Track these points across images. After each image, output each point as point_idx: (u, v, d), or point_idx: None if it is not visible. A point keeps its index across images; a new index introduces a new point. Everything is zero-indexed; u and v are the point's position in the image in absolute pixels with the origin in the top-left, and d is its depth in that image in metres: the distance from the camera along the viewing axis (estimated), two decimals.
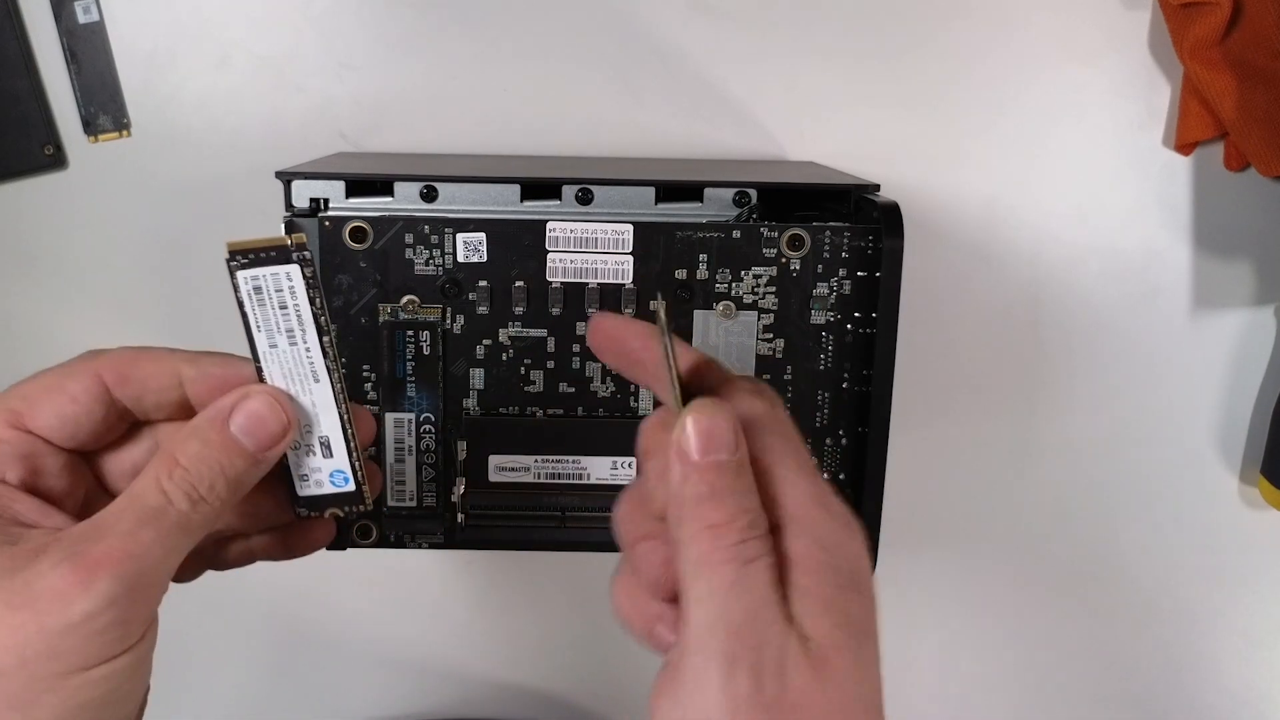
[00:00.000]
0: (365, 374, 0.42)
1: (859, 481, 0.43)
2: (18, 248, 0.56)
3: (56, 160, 0.55)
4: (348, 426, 0.32)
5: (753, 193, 0.44)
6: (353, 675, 0.64)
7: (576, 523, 0.43)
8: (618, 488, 0.44)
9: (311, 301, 0.30)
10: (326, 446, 0.32)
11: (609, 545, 0.44)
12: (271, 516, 0.33)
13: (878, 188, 0.43)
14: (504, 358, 0.42)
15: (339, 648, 0.64)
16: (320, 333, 0.30)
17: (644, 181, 0.44)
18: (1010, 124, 0.56)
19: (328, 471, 0.32)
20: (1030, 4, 0.55)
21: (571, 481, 0.43)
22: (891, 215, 0.40)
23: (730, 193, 0.44)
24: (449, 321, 0.42)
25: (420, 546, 0.44)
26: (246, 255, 0.30)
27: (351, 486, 0.32)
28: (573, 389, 0.43)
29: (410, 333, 0.42)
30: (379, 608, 0.63)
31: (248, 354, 0.31)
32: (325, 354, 0.30)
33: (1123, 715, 0.65)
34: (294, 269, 0.30)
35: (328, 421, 0.31)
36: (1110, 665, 0.64)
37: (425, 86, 0.55)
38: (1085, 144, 0.57)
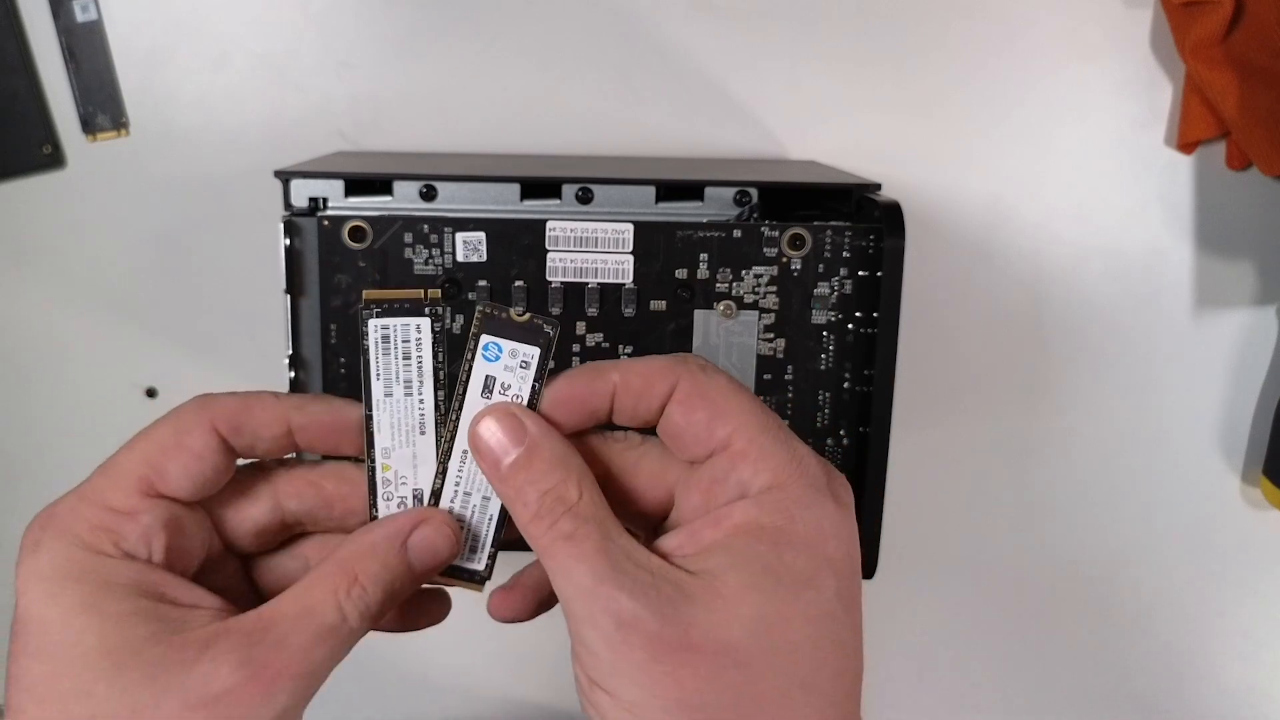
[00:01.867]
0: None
1: (860, 481, 0.43)
2: (16, 247, 0.56)
3: (54, 159, 0.55)
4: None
5: (754, 192, 0.44)
6: (348, 678, 0.64)
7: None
8: None
9: (435, 355, 0.31)
10: (419, 501, 0.32)
11: None
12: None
13: (879, 187, 0.43)
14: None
15: None
16: (437, 386, 0.31)
17: (644, 181, 0.43)
18: (1012, 123, 0.56)
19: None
20: (1032, 3, 0.55)
21: None
22: (893, 214, 0.40)
23: (731, 192, 0.44)
24: (449, 321, 0.42)
25: None
26: (381, 305, 0.30)
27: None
28: None
29: None
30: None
31: (350, 396, 0.31)
32: (438, 408, 0.31)
33: (1123, 715, 0.65)
34: (424, 322, 0.30)
35: (424, 476, 0.31)
36: (1110, 665, 0.64)
37: (424, 85, 0.55)
38: (1087, 143, 0.56)
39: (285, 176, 0.42)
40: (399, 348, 0.31)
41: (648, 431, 0.31)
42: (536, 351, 0.30)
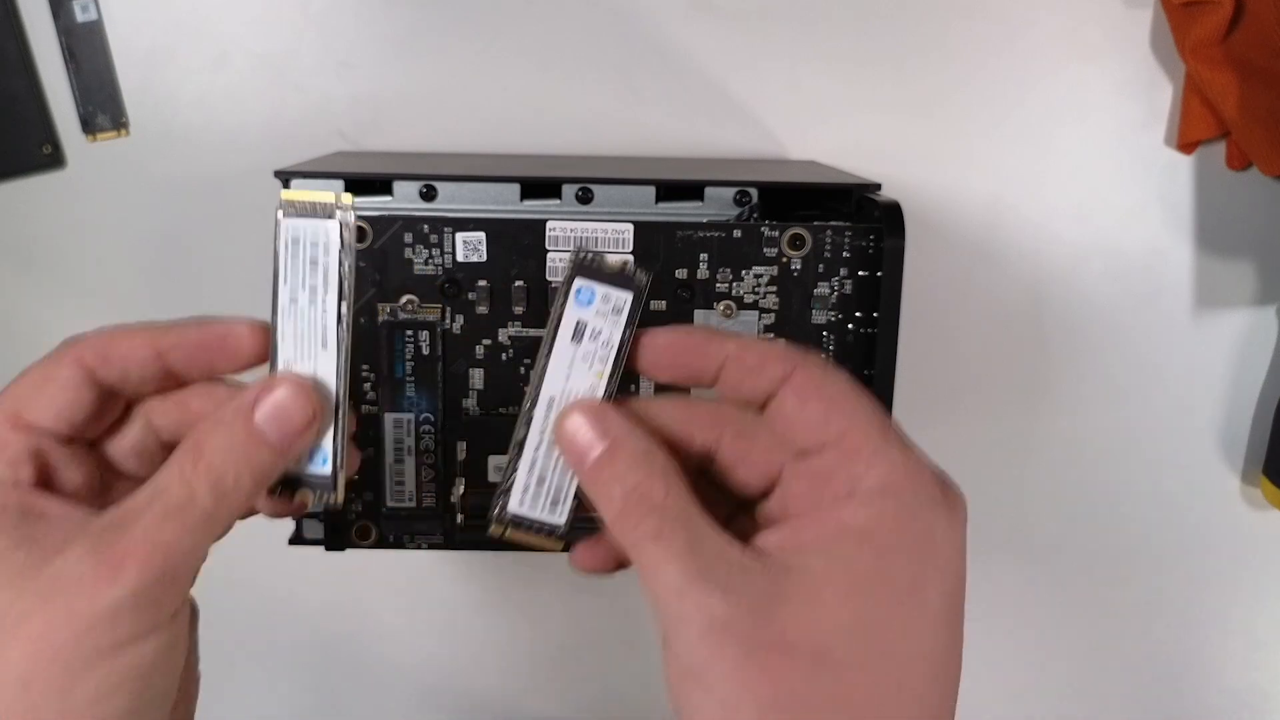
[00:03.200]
0: (364, 374, 0.42)
1: None
2: (16, 247, 0.56)
3: (54, 159, 0.55)
4: (342, 404, 0.30)
5: (753, 192, 0.44)
6: (346, 677, 0.64)
7: (576, 523, 0.43)
8: None
9: (340, 263, 0.30)
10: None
11: None
12: None
13: (879, 187, 0.43)
14: (504, 358, 0.42)
15: (327, 649, 0.63)
16: (340, 297, 0.30)
17: (644, 181, 0.43)
18: (1012, 123, 0.56)
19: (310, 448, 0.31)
20: (1032, 3, 0.55)
21: None
22: (893, 214, 0.40)
23: (731, 192, 0.44)
24: (448, 321, 0.42)
25: (419, 547, 0.44)
26: (296, 206, 0.30)
27: (327, 470, 0.31)
28: None
29: (409, 332, 0.42)
30: (373, 609, 0.63)
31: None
32: (340, 321, 0.30)
33: (1123, 715, 0.65)
34: (333, 225, 0.30)
35: (325, 393, 0.30)
36: (1111, 665, 0.64)
37: (425, 85, 0.55)
38: (1087, 143, 0.56)
39: (285, 176, 0.42)
40: (307, 251, 0.30)
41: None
42: (629, 297, 0.30)
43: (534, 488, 0.31)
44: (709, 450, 0.30)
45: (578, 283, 0.30)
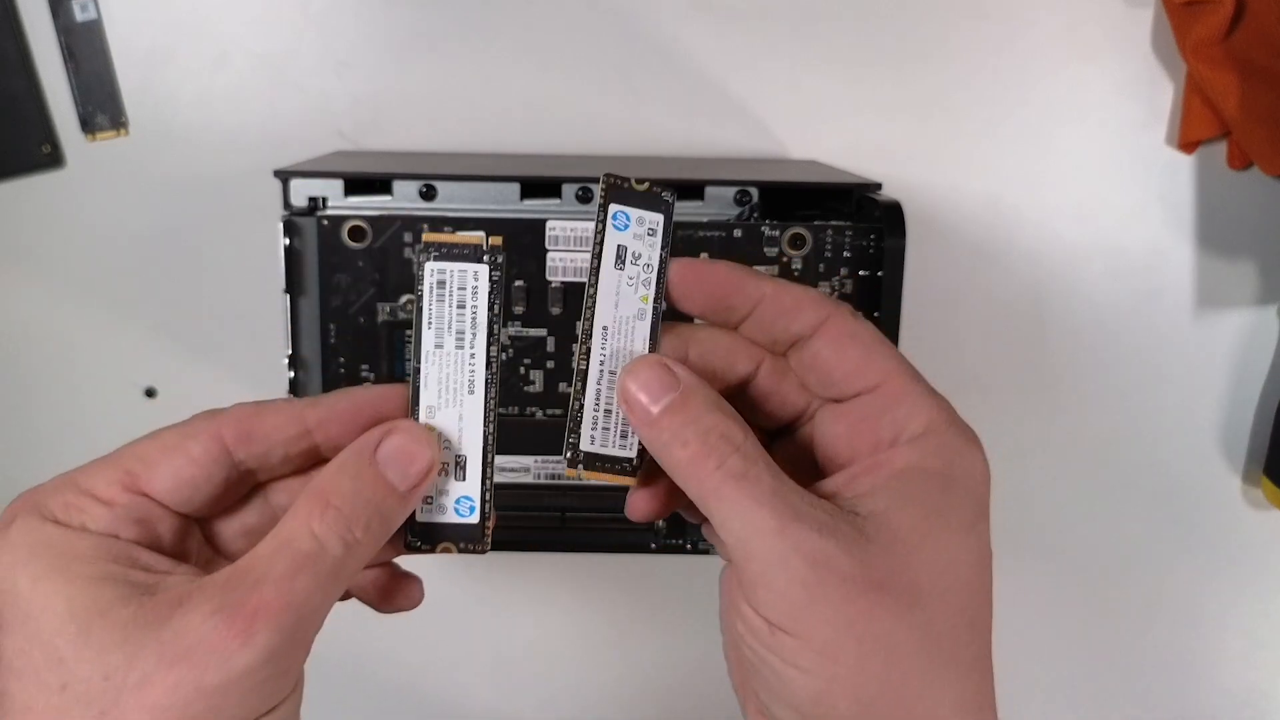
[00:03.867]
0: (365, 374, 0.42)
1: None
2: (15, 246, 0.56)
3: (54, 159, 0.55)
4: (490, 450, 0.29)
5: (754, 191, 0.44)
6: (345, 677, 0.64)
7: (576, 523, 0.43)
8: (617, 489, 0.44)
9: (490, 307, 0.29)
10: (461, 468, 0.29)
11: (609, 546, 0.44)
12: (382, 552, 0.30)
13: (880, 186, 0.43)
14: (504, 357, 0.42)
15: (327, 649, 0.63)
16: (490, 341, 0.29)
17: None
18: (1013, 123, 0.56)
19: (454, 496, 0.29)
20: (1032, 3, 0.55)
21: (571, 482, 0.43)
22: (893, 214, 0.40)
23: (732, 191, 0.44)
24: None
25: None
26: (439, 248, 0.29)
27: (475, 519, 0.29)
28: None
29: (409, 332, 0.41)
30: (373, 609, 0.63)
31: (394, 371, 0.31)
32: (489, 365, 0.29)
33: (1123, 715, 0.65)
34: (482, 269, 0.29)
35: (470, 439, 0.29)
36: (1111, 665, 0.64)
37: (424, 85, 0.55)
38: (1088, 143, 0.56)
39: (285, 176, 0.42)
40: (454, 295, 0.29)
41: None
42: (661, 219, 0.30)
43: (601, 420, 0.30)
44: (744, 381, 0.30)
45: (613, 207, 0.29)
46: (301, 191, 0.43)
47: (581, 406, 0.29)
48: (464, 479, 0.29)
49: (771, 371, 0.30)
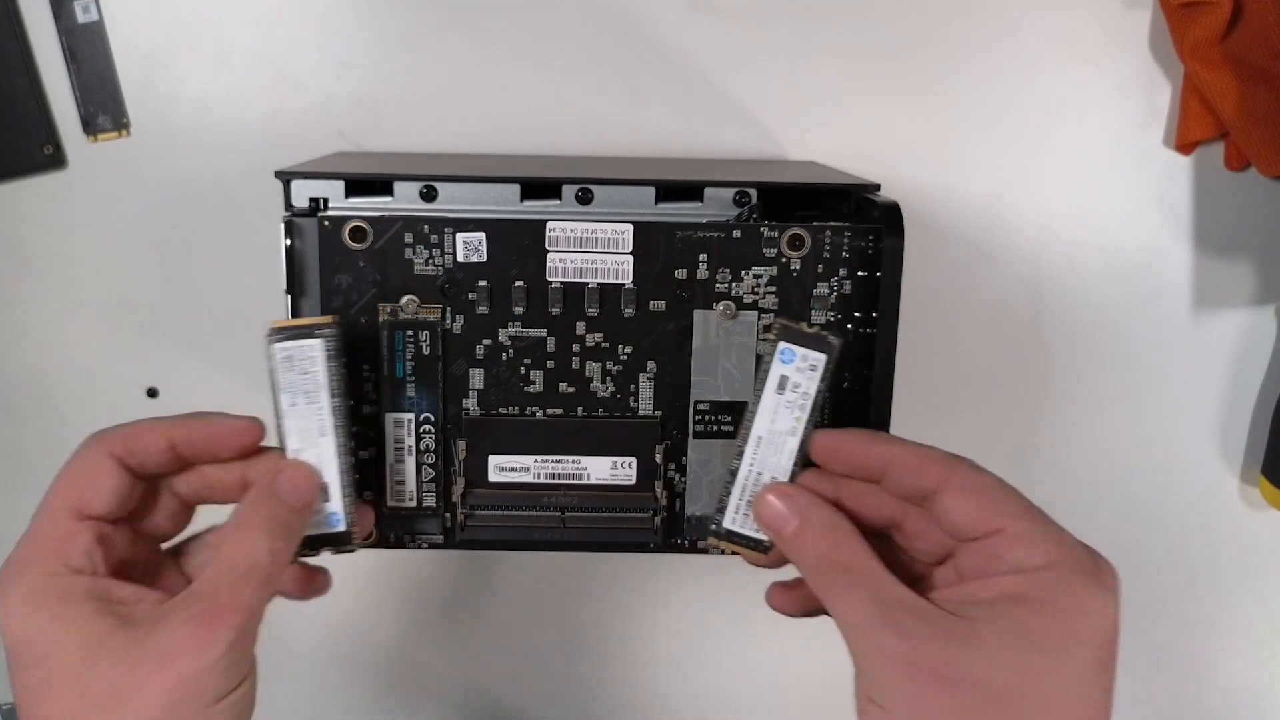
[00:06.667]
0: (365, 374, 0.42)
1: None
2: (17, 247, 0.56)
3: (55, 160, 0.55)
4: (345, 475, 0.38)
5: (753, 192, 0.44)
6: (345, 677, 0.64)
7: (576, 523, 0.43)
8: (617, 488, 0.44)
9: (329, 370, 0.37)
10: (325, 492, 0.38)
11: (608, 545, 0.44)
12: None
13: (878, 187, 0.43)
14: (504, 358, 0.42)
15: (326, 649, 0.63)
16: (331, 395, 0.37)
17: (644, 181, 0.44)
18: (1011, 123, 0.56)
19: (325, 514, 0.38)
20: (1031, 3, 0.55)
21: (571, 482, 0.43)
22: (892, 215, 0.40)
23: (730, 192, 0.44)
24: (448, 321, 0.42)
25: (420, 546, 0.44)
26: (284, 331, 0.37)
27: (343, 527, 0.38)
28: (572, 389, 0.43)
29: (410, 333, 0.42)
30: (374, 609, 0.63)
31: (225, 407, 0.38)
32: (334, 414, 0.37)
33: (1123, 715, 0.65)
34: (318, 343, 0.37)
35: (329, 471, 0.38)
36: None
37: (425, 86, 0.55)
38: (1086, 144, 0.57)
39: (286, 177, 0.43)
40: (298, 365, 0.37)
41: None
42: (824, 358, 0.37)
43: (744, 509, 0.38)
44: (895, 523, 0.37)
45: (782, 345, 0.37)
46: (303, 192, 0.43)
47: (729, 495, 0.38)
48: (329, 500, 0.38)
49: (917, 518, 0.36)
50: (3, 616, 0.33)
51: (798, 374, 0.37)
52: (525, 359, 0.42)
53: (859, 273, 0.42)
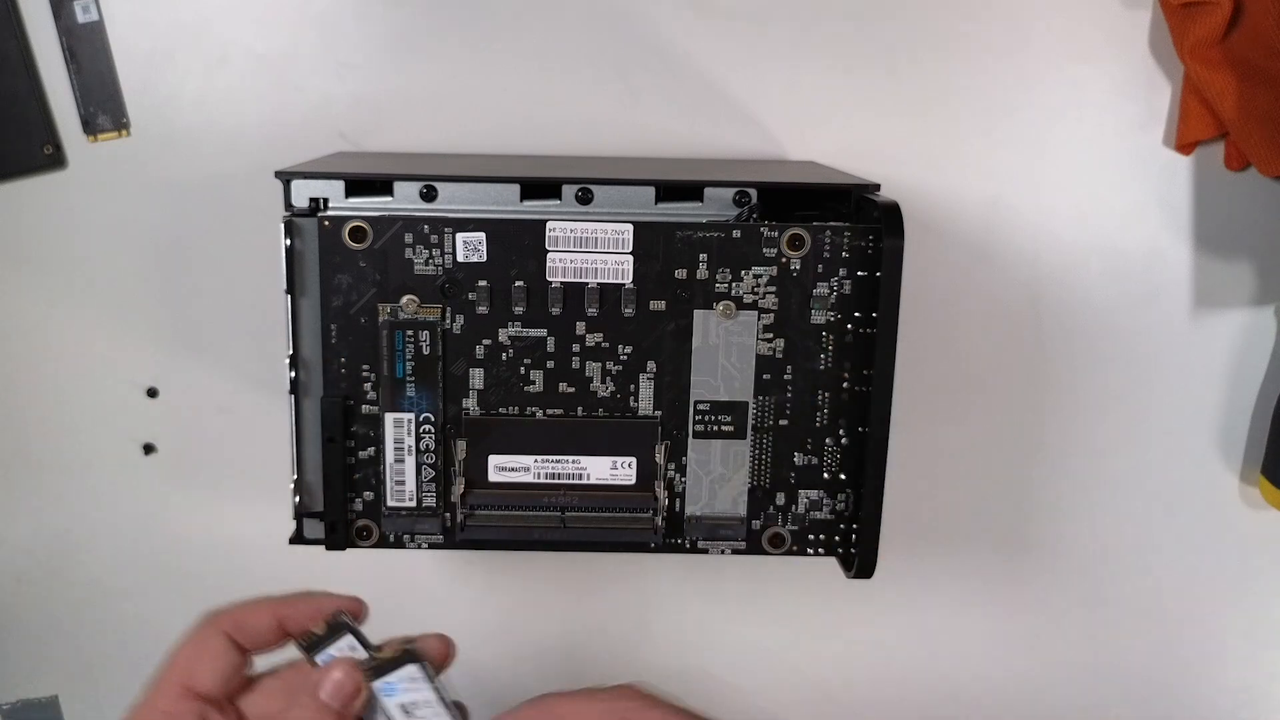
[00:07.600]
0: (365, 374, 0.42)
1: (859, 481, 0.43)
2: (17, 247, 0.56)
3: (56, 160, 0.55)
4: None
5: (753, 192, 0.44)
6: None
7: (576, 523, 0.43)
8: (617, 488, 0.44)
9: (361, 648, 0.40)
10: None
11: (608, 545, 0.44)
12: None
13: (878, 187, 0.43)
14: (504, 358, 0.42)
15: None
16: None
17: (644, 181, 0.44)
18: (1011, 124, 0.56)
19: None
20: (1031, 4, 0.55)
21: (571, 481, 0.43)
22: (892, 215, 0.40)
23: (730, 192, 0.44)
24: (449, 321, 0.42)
25: (420, 546, 0.44)
26: (311, 640, 0.39)
27: None
28: (572, 389, 0.43)
29: (410, 332, 0.42)
30: (373, 609, 0.63)
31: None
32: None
33: (1123, 715, 0.65)
34: (415, 668, 0.40)
35: None
36: (1111, 665, 0.64)
37: (425, 86, 0.55)
38: (1086, 144, 0.57)
39: (286, 177, 0.43)
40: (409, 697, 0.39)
41: None
42: (416, 667, 0.40)
43: None
44: None
45: (377, 685, 0.38)
46: (303, 192, 0.43)
47: None
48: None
49: None
50: None
51: (409, 694, 0.39)
52: (525, 359, 0.42)
53: (859, 273, 0.42)
